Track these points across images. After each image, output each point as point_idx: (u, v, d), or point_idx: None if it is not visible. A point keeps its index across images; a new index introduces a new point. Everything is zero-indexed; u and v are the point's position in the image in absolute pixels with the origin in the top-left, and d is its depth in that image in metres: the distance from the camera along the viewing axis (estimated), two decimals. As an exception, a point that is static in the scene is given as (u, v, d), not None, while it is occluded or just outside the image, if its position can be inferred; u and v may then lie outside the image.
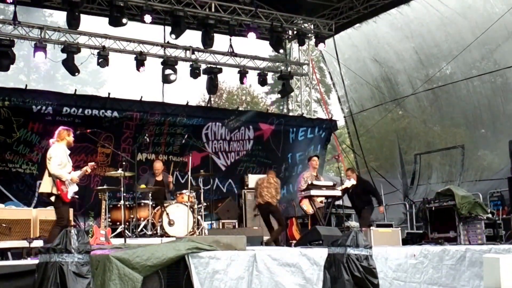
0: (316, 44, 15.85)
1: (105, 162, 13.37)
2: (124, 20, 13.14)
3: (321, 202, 11.23)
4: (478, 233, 10.56)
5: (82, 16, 13.02)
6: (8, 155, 12.40)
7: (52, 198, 8.34)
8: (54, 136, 8.61)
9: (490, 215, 10.92)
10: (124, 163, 10.65)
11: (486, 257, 7.59)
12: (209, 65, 15.38)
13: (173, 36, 13.94)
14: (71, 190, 8.47)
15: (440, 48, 15.50)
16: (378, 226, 11.52)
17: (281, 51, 16.49)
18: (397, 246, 9.45)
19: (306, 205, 11.25)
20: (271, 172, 11.85)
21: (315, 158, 11.95)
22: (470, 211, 10.71)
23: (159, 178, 12.03)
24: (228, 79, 31.48)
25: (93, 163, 9.08)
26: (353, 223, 12.36)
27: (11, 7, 13.55)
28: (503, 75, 14.50)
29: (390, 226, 11.83)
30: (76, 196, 8.91)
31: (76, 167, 12.77)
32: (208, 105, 18.42)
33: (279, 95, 17.69)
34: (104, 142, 12.73)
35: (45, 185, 8.42)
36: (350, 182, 11.74)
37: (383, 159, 17.68)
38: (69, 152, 8.62)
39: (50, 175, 8.34)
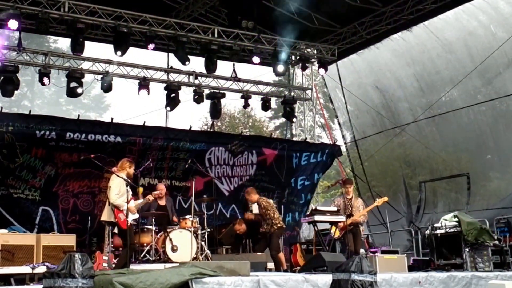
0: (319, 69, 15.90)
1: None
2: (119, 53, 13.26)
3: (350, 224, 10.91)
4: (485, 260, 10.46)
5: (86, 42, 13.10)
6: (10, 180, 12.29)
7: (114, 226, 9.18)
8: (117, 165, 9.45)
9: (497, 242, 10.83)
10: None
11: (491, 283, 7.54)
12: (212, 90, 15.43)
13: (187, 62, 14.04)
14: (131, 218, 9.12)
15: (441, 75, 15.50)
16: (384, 252, 11.42)
17: (284, 74, 16.45)
18: (402, 273, 9.36)
19: (333, 230, 11.15)
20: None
21: (348, 183, 11.55)
22: (477, 238, 10.62)
23: (162, 202, 11.97)
24: (230, 103, 31.62)
25: (157, 191, 10.24)
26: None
27: (16, 33, 13.64)
28: (504, 102, 14.48)
29: (396, 252, 11.73)
30: (134, 223, 9.64)
31: (79, 193, 12.87)
32: (211, 129, 18.40)
33: (282, 120, 17.71)
34: (108, 168, 12.59)
35: (106, 214, 9.13)
36: (382, 199, 11.43)
37: (386, 187, 17.55)
38: (128, 182, 9.20)
39: (109, 204, 9.02)
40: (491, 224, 12.61)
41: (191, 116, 25.97)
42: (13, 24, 12.00)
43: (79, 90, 13.91)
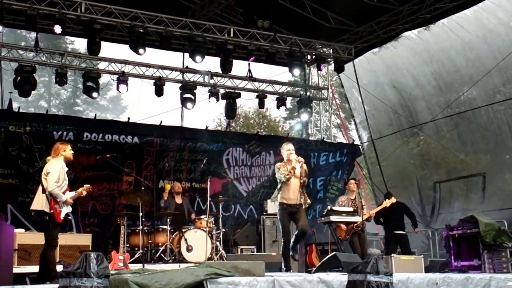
0: (335, 69, 15.83)
1: (128, 190, 13.16)
2: (141, 51, 13.21)
3: (358, 226, 10.83)
4: (503, 261, 10.33)
5: (102, 43, 13.12)
6: (30, 185, 12.22)
7: (46, 217, 7.86)
8: (51, 152, 8.20)
9: (515, 243, 10.68)
10: (142, 188, 10.64)
11: (510, 285, 7.44)
12: (227, 90, 15.41)
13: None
14: (65, 211, 8.01)
15: (460, 74, 15.33)
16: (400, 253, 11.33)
17: (300, 74, 16.30)
18: (419, 274, 9.26)
19: (339, 231, 11.07)
20: None
21: (352, 181, 11.40)
22: (495, 239, 10.48)
23: (179, 201, 11.99)
24: (244, 104, 31.47)
25: (88, 185, 8.47)
26: (374, 250, 12.14)
27: (33, 34, 13.72)
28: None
29: (412, 253, 11.63)
30: (69, 217, 8.57)
31: (98, 196, 12.86)
32: (227, 129, 18.38)
33: (297, 120, 17.59)
34: (127, 170, 12.50)
35: (38, 202, 7.93)
36: (390, 201, 11.21)
37: (402, 187, 17.41)
38: (66, 169, 8.12)
39: (44, 191, 7.90)
40: (510, 224, 12.44)
41: (205, 116, 25.88)
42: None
43: (95, 93, 13.94)
